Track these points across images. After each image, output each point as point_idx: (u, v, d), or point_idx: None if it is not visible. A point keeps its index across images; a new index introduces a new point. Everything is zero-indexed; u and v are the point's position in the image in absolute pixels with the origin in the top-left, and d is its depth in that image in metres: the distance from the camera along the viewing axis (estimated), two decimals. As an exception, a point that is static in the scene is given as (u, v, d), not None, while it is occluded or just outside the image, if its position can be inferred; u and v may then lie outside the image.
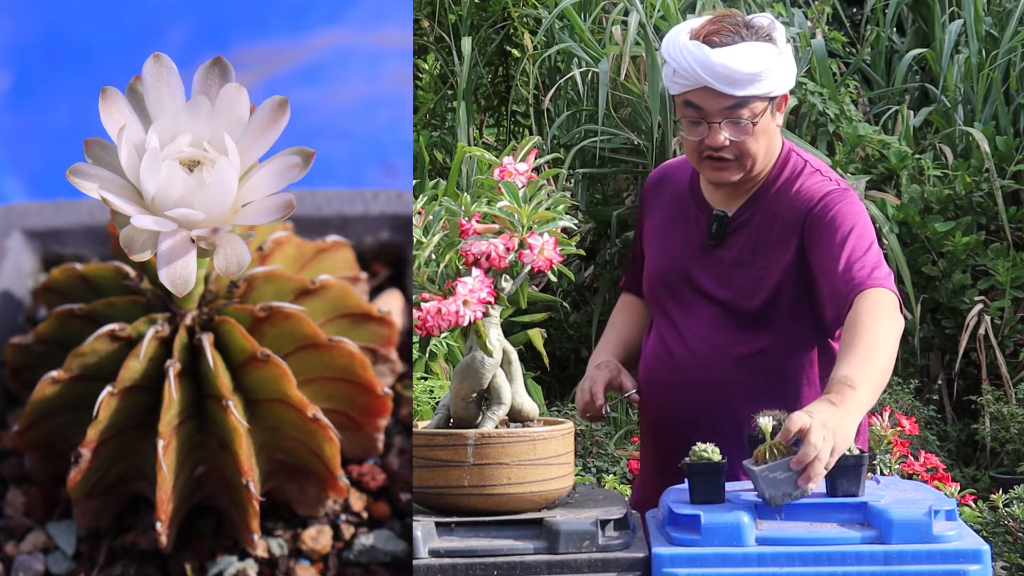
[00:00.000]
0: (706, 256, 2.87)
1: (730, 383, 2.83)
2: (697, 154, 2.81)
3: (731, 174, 2.81)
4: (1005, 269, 5.62)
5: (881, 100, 6.69)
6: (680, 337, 2.88)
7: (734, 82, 2.73)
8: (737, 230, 2.86)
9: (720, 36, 2.75)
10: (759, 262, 2.83)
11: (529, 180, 2.47)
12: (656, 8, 5.98)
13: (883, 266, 2.73)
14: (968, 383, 5.85)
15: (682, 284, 2.88)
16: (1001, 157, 5.80)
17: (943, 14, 6.56)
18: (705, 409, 2.84)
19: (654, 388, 2.92)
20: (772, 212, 2.84)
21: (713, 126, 2.76)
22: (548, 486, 2.43)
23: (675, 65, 2.76)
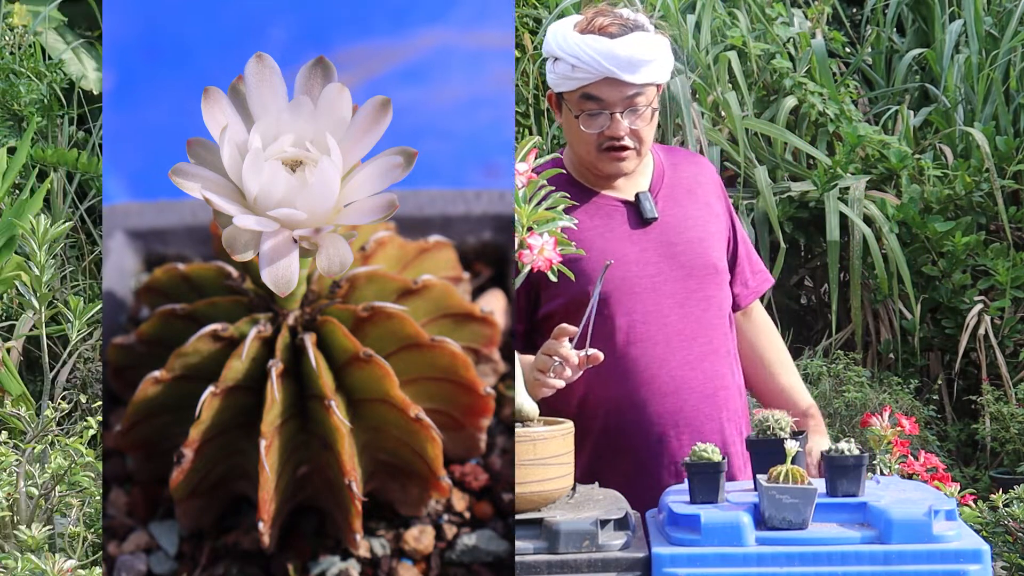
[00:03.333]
0: (646, 237, 2.90)
1: (712, 342, 2.91)
2: (596, 147, 2.86)
3: (630, 163, 2.89)
4: (1005, 269, 5.62)
5: (881, 100, 6.69)
6: (646, 324, 2.87)
7: (635, 69, 2.80)
8: (662, 203, 2.94)
9: (614, 28, 2.83)
10: (699, 224, 2.94)
11: (529, 180, 2.47)
12: (656, 8, 5.98)
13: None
14: (968, 383, 5.85)
15: (633, 274, 2.88)
16: (1001, 157, 5.80)
17: (943, 14, 6.56)
18: (702, 375, 2.89)
19: (631, 381, 2.87)
20: (680, 179, 2.98)
21: (615, 116, 2.82)
22: (548, 486, 2.43)
23: (575, 61, 2.81)
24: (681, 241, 2.91)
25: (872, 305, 5.90)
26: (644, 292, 2.87)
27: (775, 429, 2.51)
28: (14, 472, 3.60)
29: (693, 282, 2.89)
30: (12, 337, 5.78)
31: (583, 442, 2.87)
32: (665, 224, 2.92)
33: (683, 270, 2.89)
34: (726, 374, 2.93)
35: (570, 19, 2.89)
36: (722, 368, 2.92)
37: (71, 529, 3.53)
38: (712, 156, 5.73)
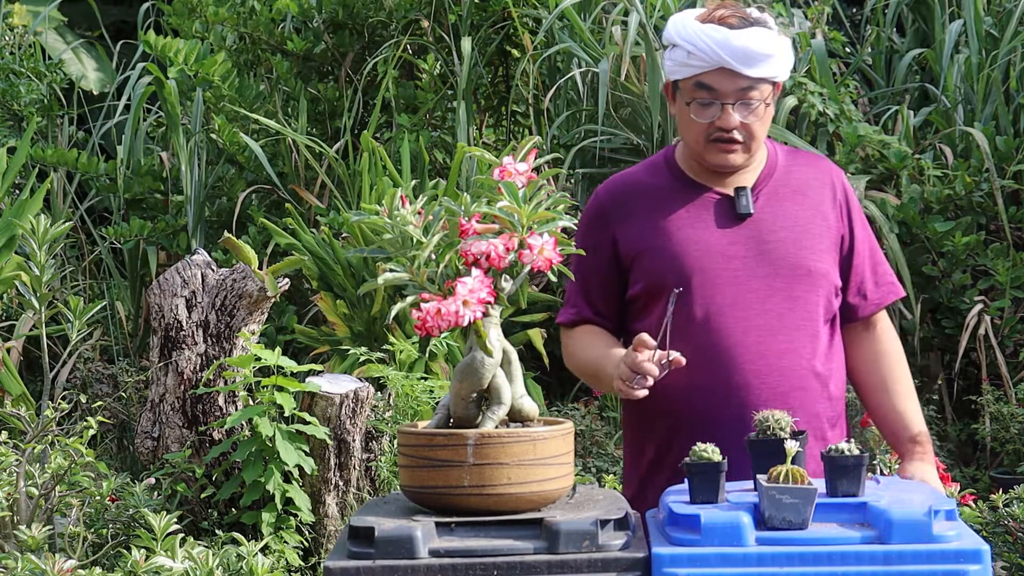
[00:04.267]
0: (738, 232, 2.89)
1: (793, 342, 2.88)
2: (705, 137, 2.86)
3: (738, 157, 2.88)
4: (1005, 269, 5.62)
5: (881, 100, 6.68)
6: (721, 316, 2.86)
7: (751, 62, 2.79)
8: (764, 201, 2.91)
9: (734, 20, 2.83)
10: (798, 225, 2.91)
11: (529, 180, 2.47)
12: (656, 8, 5.98)
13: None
14: (968, 383, 5.85)
15: (718, 266, 2.87)
16: (1001, 157, 5.80)
17: (943, 14, 6.55)
18: (775, 377, 2.87)
19: (703, 371, 2.86)
20: (791, 179, 2.95)
21: (726, 107, 2.82)
22: (548, 486, 2.43)
23: (691, 47, 2.81)
24: (774, 240, 2.89)
25: (872, 305, 5.89)
26: (725, 284, 2.86)
27: (775, 429, 2.51)
28: (14, 472, 3.60)
29: (780, 281, 2.87)
30: (12, 337, 5.78)
31: (653, 426, 2.91)
32: (760, 221, 2.90)
33: (771, 268, 2.87)
34: (807, 376, 2.88)
35: (693, 10, 2.90)
36: (802, 369, 2.88)
37: (71, 529, 3.54)
38: (712, 156, 5.73)
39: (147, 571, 3.02)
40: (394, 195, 2.45)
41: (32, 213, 5.18)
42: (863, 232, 3.01)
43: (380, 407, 4.41)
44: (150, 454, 4.25)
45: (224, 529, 3.90)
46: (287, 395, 3.92)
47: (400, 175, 5.67)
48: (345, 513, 4.13)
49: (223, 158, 6.60)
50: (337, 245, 5.51)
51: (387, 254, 2.48)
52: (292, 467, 3.90)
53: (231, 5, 6.73)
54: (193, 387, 4.16)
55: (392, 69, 6.38)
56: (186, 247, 6.36)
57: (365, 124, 6.59)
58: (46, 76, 7.02)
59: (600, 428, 5.61)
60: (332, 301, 5.47)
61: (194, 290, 4.20)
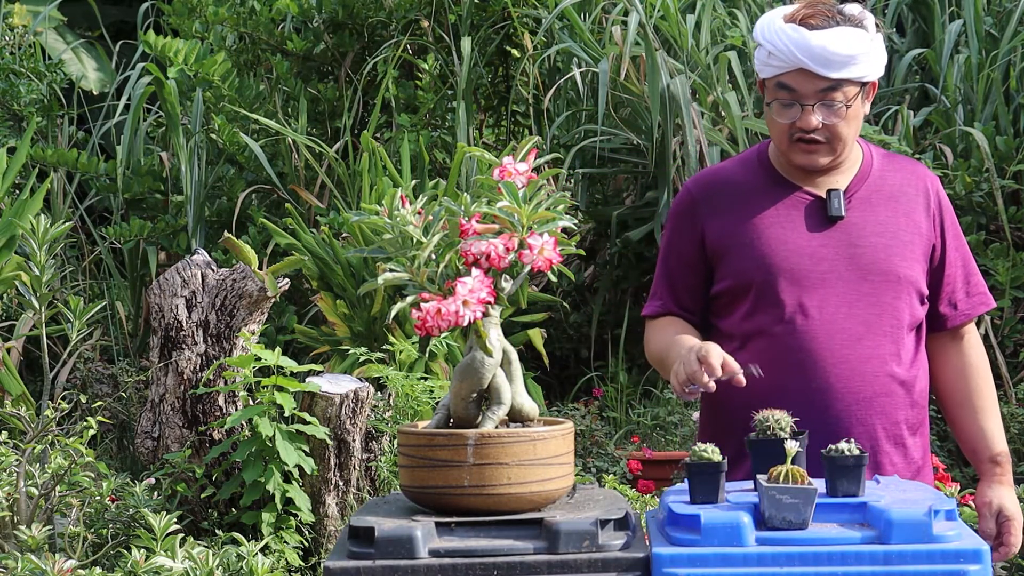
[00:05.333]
0: (827, 235, 2.87)
1: (878, 348, 2.85)
2: (787, 137, 2.84)
3: (821, 157, 2.85)
4: (1005, 269, 5.62)
5: (881, 100, 6.69)
6: (806, 318, 2.83)
7: (830, 64, 2.77)
8: (856, 204, 2.89)
9: (816, 19, 2.81)
10: (889, 231, 2.88)
11: (529, 180, 2.47)
12: (656, 8, 5.98)
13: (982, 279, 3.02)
14: (968, 383, 5.84)
15: (805, 267, 2.85)
16: (1001, 157, 5.80)
17: (943, 14, 6.56)
18: (854, 381, 2.84)
19: (783, 373, 2.83)
20: (884, 184, 2.92)
21: (806, 108, 2.81)
22: (548, 486, 2.43)
23: (771, 47, 2.81)
24: (863, 244, 2.86)
25: (872, 305, 5.89)
26: (812, 286, 2.83)
27: (775, 429, 2.50)
28: (14, 472, 3.60)
29: (867, 286, 2.84)
30: (12, 337, 5.78)
31: (732, 426, 2.84)
32: (850, 224, 2.87)
33: (859, 272, 2.85)
34: (890, 382, 2.85)
35: (783, 8, 2.89)
36: (885, 376, 2.84)
37: (71, 529, 3.54)
38: (712, 156, 5.73)
39: (147, 571, 3.03)
40: (394, 195, 2.45)
41: (32, 213, 5.18)
42: (956, 241, 2.97)
43: (380, 407, 4.41)
44: (150, 454, 4.25)
45: (224, 529, 3.90)
46: (287, 395, 3.92)
47: (400, 175, 5.67)
48: (345, 513, 4.13)
49: (223, 158, 6.60)
50: (337, 245, 5.51)
51: (387, 254, 2.48)
52: (292, 467, 3.90)
53: (231, 5, 6.73)
54: (193, 387, 4.16)
55: (392, 69, 6.38)
56: (186, 247, 6.36)
57: (365, 124, 6.60)
58: (46, 76, 7.02)
59: (600, 428, 5.61)
60: (332, 301, 5.47)
61: (194, 290, 4.20)
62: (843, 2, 2.94)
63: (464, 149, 4.97)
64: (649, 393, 5.94)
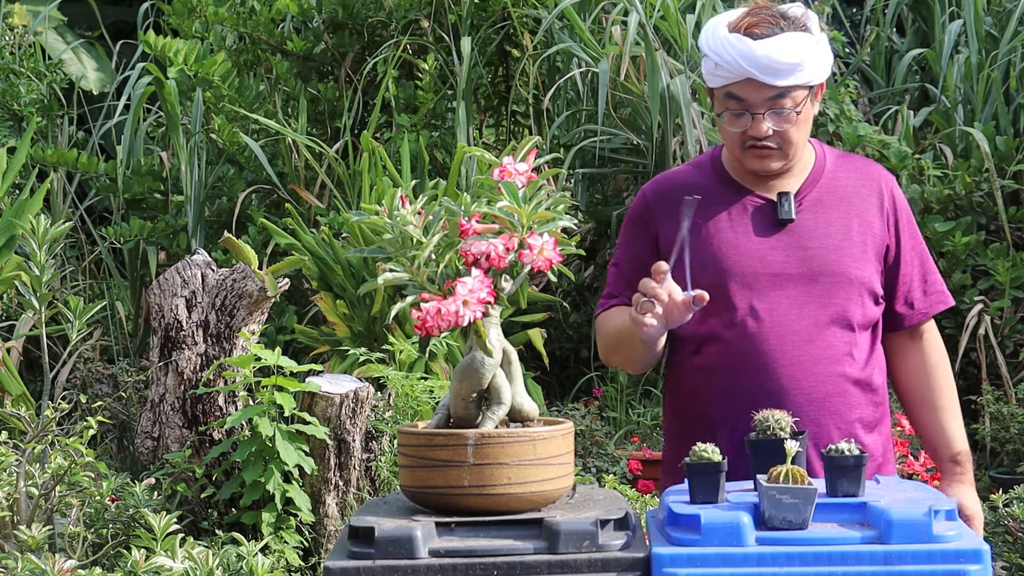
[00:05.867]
0: (778, 238, 2.88)
1: (830, 348, 2.86)
2: (740, 144, 2.85)
3: (774, 162, 2.87)
4: (1005, 269, 5.62)
5: (881, 100, 6.69)
6: (757, 321, 2.85)
7: (777, 73, 2.78)
8: (807, 207, 2.90)
9: (760, 28, 2.81)
10: (840, 233, 2.89)
11: (529, 180, 2.47)
12: (656, 8, 5.98)
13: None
14: (968, 383, 5.85)
15: (756, 270, 2.86)
16: (1001, 157, 5.80)
17: (943, 14, 6.56)
18: (798, 387, 2.85)
19: (737, 375, 2.85)
20: (837, 185, 2.93)
21: (756, 117, 2.82)
22: (548, 486, 2.43)
23: (717, 59, 2.81)
24: (814, 246, 2.87)
25: (872, 305, 5.90)
26: (763, 289, 2.85)
27: (775, 429, 2.50)
28: (14, 472, 3.60)
29: (818, 287, 2.86)
30: (12, 337, 5.78)
31: (691, 429, 2.87)
32: (801, 227, 2.89)
33: (810, 274, 2.86)
34: (843, 382, 2.87)
35: (728, 14, 2.89)
36: (838, 376, 2.86)
37: (71, 529, 3.54)
38: (712, 156, 5.72)
39: (147, 571, 3.02)
40: (394, 195, 2.45)
41: (32, 213, 5.18)
42: (912, 240, 2.97)
43: (380, 407, 4.41)
44: (150, 454, 4.24)
45: (224, 529, 3.90)
46: (287, 395, 3.92)
47: (400, 175, 5.67)
48: (345, 513, 4.13)
49: (223, 158, 6.60)
50: (337, 245, 5.51)
51: (387, 254, 2.48)
52: (292, 467, 3.90)
53: (231, 5, 6.73)
54: (193, 387, 4.16)
55: (392, 69, 6.38)
56: (186, 247, 6.36)
57: (365, 124, 6.59)
58: (46, 76, 7.02)
59: (600, 428, 5.61)
60: (332, 301, 5.47)
61: (194, 290, 4.20)
62: (784, 2, 2.95)
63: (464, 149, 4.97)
64: (649, 393, 5.94)
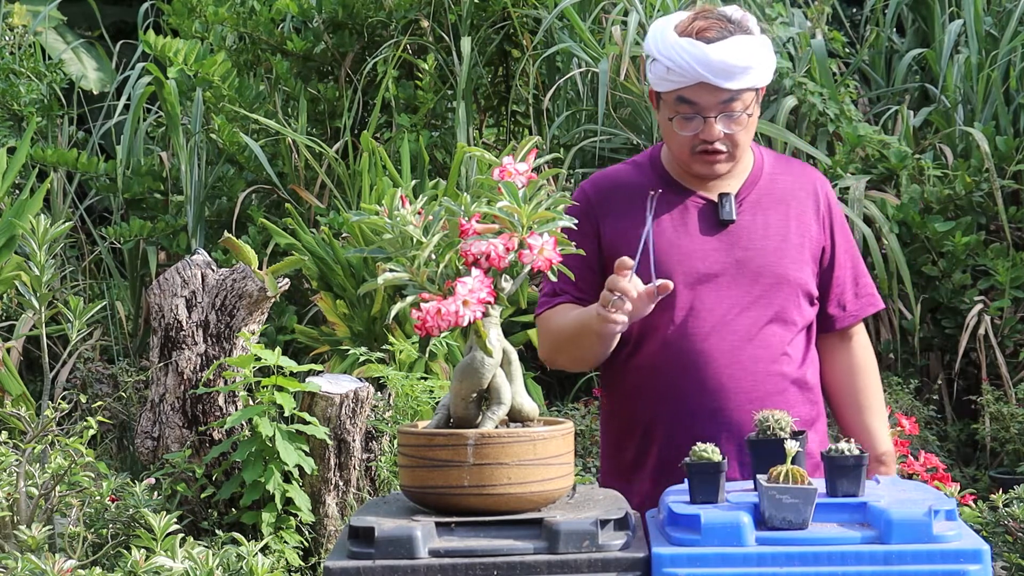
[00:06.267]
0: (719, 238, 2.90)
1: (768, 348, 2.89)
2: (689, 149, 2.87)
3: (723, 166, 2.90)
4: (1005, 269, 5.62)
5: (881, 100, 6.68)
6: (698, 321, 2.87)
7: (730, 76, 2.79)
8: (747, 208, 2.92)
9: (711, 31, 2.82)
10: (778, 234, 2.92)
11: (529, 180, 2.47)
12: (656, 8, 5.98)
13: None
14: (968, 383, 5.85)
15: (697, 270, 2.88)
16: (1001, 157, 5.79)
17: (943, 14, 6.55)
18: (735, 386, 2.87)
19: (677, 374, 2.88)
20: (775, 187, 2.95)
21: (708, 120, 2.83)
22: (548, 486, 2.43)
23: (669, 63, 2.80)
24: (754, 248, 2.90)
25: (872, 305, 5.89)
26: (704, 290, 2.87)
27: (775, 429, 2.51)
28: (14, 472, 3.60)
29: (758, 289, 2.88)
30: (12, 337, 5.78)
31: (632, 427, 2.94)
32: (741, 228, 2.91)
33: (750, 276, 2.89)
34: (781, 381, 2.90)
35: (673, 17, 2.89)
36: (777, 375, 2.89)
37: (71, 529, 3.53)
38: (712, 156, 5.72)
39: (147, 571, 3.02)
40: (394, 195, 2.45)
41: (32, 213, 5.18)
42: (845, 243, 3.02)
43: (380, 407, 4.41)
44: (150, 454, 4.24)
45: (224, 529, 3.90)
46: (287, 395, 3.92)
47: (400, 175, 5.67)
48: (345, 513, 4.13)
49: (223, 158, 6.60)
50: (337, 245, 5.51)
51: (387, 254, 2.48)
52: (292, 467, 3.90)
53: (231, 5, 6.73)
54: (193, 387, 4.16)
55: (392, 69, 6.38)
56: (186, 247, 6.36)
57: (365, 124, 6.59)
58: (46, 76, 7.02)
59: (600, 428, 5.60)
60: (332, 301, 5.46)
61: (194, 290, 4.20)
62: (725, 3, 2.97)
63: (464, 149, 4.98)
64: (649, 393, 5.93)
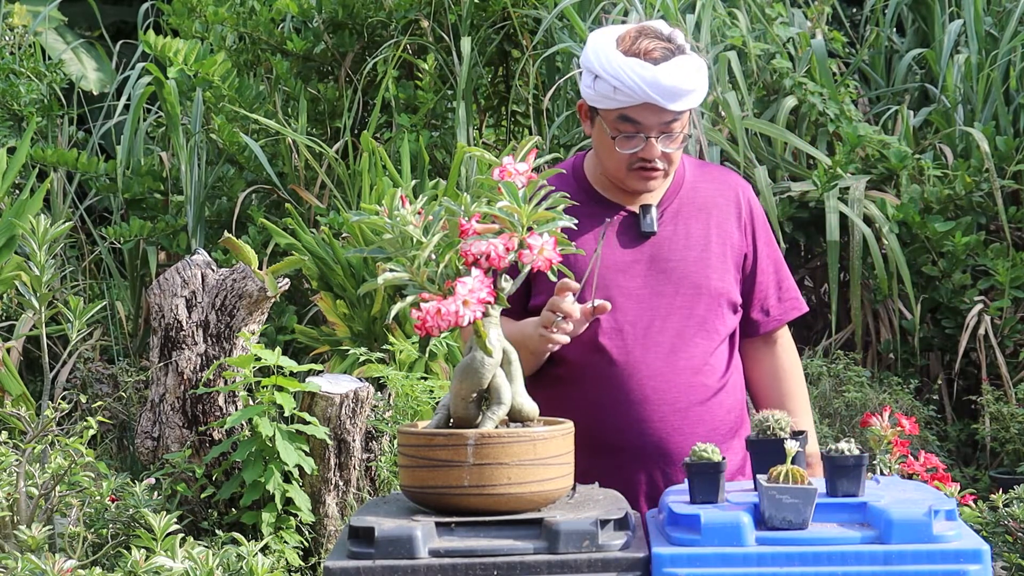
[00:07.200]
0: (640, 250, 2.90)
1: (693, 359, 2.90)
2: (626, 166, 2.87)
3: (658, 183, 2.92)
4: (1005, 269, 5.62)
5: (881, 100, 6.68)
6: (621, 333, 2.87)
7: (676, 98, 2.80)
8: (668, 219, 2.93)
9: (657, 52, 2.81)
10: (700, 244, 2.92)
11: (529, 180, 2.47)
12: (656, 8, 5.98)
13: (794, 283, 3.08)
14: (968, 383, 5.85)
15: (619, 283, 2.88)
16: (1001, 157, 5.79)
17: (943, 14, 6.55)
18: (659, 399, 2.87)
19: (602, 385, 2.88)
20: (696, 196, 2.96)
21: (650, 140, 2.83)
22: (548, 486, 2.43)
23: (616, 83, 2.79)
24: (675, 258, 2.91)
25: (872, 305, 5.90)
26: (627, 302, 2.88)
27: (775, 429, 2.51)
28: (14, 472, 3.60)
29: (681, 299, 2.89)
30: (12, 337, 5.78)
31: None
32: (662, 239, 2.92)
33: (672, 286, 2.89)
34: (706, 391, 2.90)
35: (611, 32, 2.86)
36: (701, 385, 2.89)
37: (71, 529, 3.53)
38: (712, 156, 5.73)
39: (147, 571, 3.02)
40: (394, 195, 2.45)
41: (32, 213, 5.18)
42: (767, 248, 3.02)
43: (380, 407, 4.41)
44: (150, 454, 4.24)
45: (224, 529, 3.90)
46: (287, 395, 3.92)
47: (400, 175, 5.67)
48: (345, 513, 4.13)
49: (223, 158, 6.60)
50: (337, 245, 5.51)
51: (387, 254, 2.48)
52: (292, 467, 3.90)
53: (231, 5, 6.73)
54: (193, 387, 4.16)
55: (392, 69, 6.38)
56: (186, 247, 6.36)
57: (365, 124, 6.59)
58: (46, 76, 7.01)
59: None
60: (332, 301, 5.46)
61: (194, 290, 4.20)
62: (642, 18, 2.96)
63: (464, 149, 4.98)
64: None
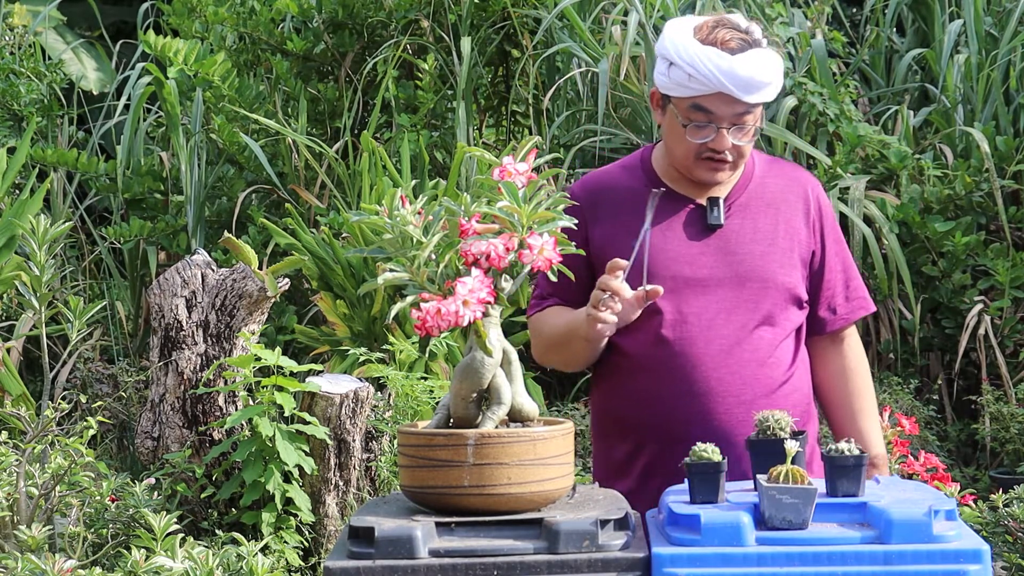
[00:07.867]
0: (707, 243, 2.90)
1: (757, 352, 2.89)
2: (695, 155, 2.85)
3: (726, 174, 2.90)
4: (1005, 269, 5.62)
5: (881, 100, 6.68)
6: (685, 324, 2.87)
7: (752, 89, 2.79)
8: (736, 212, 2.92)
9: (734, 43, 2.81)
10: (767, 238, 2.91)
11: (529, 180, 2.47)
12: (656, 8, 5.98)
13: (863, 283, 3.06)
14: (968, 383, 5.85)
15: (685, 275, 2.88)
16: (1001, 157, 5.79)
17: (943, 14, 6.55)
18: (723, 391, 2.87)
19: (665, 377, 2.88)
20: (765, 191, 2.95)
21: (721, 130, 2.82)
22: (548, 486, 2.43)
23: (692, 70, 2.79)
24: (742, 251, 2.90)
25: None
26: (692, 293, 2.87)
27: (775, 429, 2.51)
28: (14, 472, 3.60)
29: (747, 292, 2.88)
30: (12, 337, 5.78)
31: (622, 430, 2.94)
32: (729, 232, 2.91)
33: (738, 279, 2.88)
34: (770, 385, 2.89)
35: (688, 22, 2.86)
36: (766, 378, 2.88)
37: (71, 529, 3.53)
38: (712, 156, 5.72)
39: (147, 571, 3.02)
40: (394, 195, 2.45)
41: (32, 213, 5.18)
42: (836, 246, 3.02)
43: (380, 407, 4.41)
44: (150, 454, 4.24)
45: (224, 529, 3.90)
46: (287, 395, 3.92)
47: (400, 175, 5.67)
48: (345, 513, 4.13)
49: (223, 158, 6.60)
50: (337, 245, 5.51)
51: (387, 254, 2.48)
52: (292, 467, 3.90)
53: (231, 5, 6.73)
54: (193, 387, 4.16)
55: (392, 69, 6.38)
56: (186, 247, 6.36)
57: (365, 124, 6.59)
58: (46, 76, 7.01)
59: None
60: (332, 301, 5.46)
61: (194, 290, 4.20)
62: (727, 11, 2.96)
63: (464, 149, 4.96)
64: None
